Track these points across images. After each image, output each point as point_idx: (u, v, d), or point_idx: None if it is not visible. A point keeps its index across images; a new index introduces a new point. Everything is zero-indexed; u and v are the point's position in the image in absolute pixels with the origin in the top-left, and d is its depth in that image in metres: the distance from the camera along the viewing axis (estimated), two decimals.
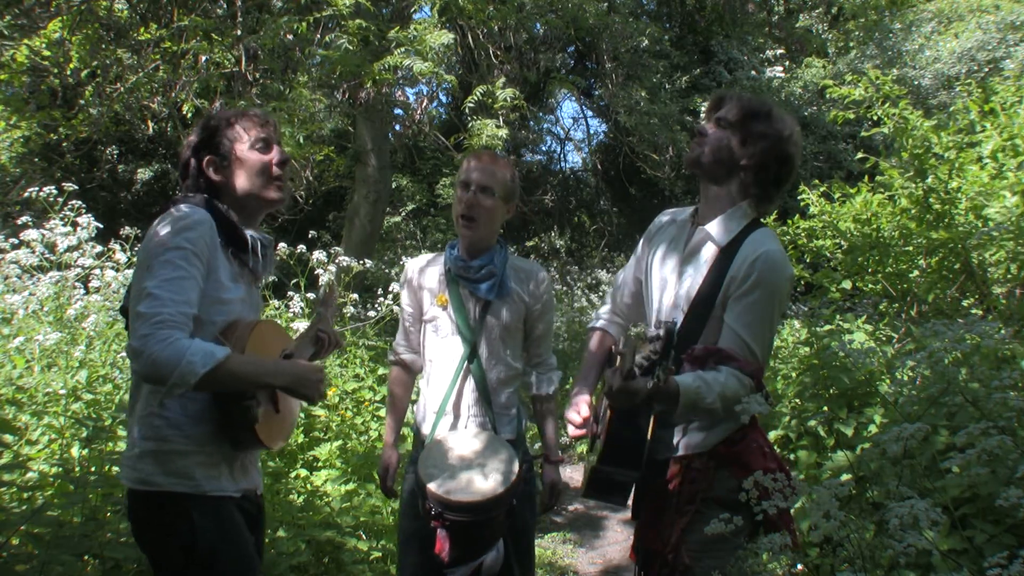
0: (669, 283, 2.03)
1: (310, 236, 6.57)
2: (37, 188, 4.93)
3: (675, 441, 1.97)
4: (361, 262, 5.60)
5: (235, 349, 1.67)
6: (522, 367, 2.48)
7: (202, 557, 1.68)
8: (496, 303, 2.37)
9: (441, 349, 2.41)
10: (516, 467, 2.19)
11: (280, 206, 1.95)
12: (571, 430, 2.05)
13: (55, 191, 4.91)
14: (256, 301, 1.94)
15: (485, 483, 2.13)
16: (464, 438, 2.29)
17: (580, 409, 2.05)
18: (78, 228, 4.73)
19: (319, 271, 4.98)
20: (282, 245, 4.77)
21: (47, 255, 4.66)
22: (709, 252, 1.96)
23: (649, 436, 1.84)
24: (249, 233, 1.83)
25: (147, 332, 1.57)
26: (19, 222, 5.81)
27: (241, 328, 1.75)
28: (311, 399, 1.79)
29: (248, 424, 1.71)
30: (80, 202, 4.91)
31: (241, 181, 1.84)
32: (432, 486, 2.11)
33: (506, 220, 2.45)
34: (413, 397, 2.65)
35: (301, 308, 4.88)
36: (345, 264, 5.24)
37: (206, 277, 1.69)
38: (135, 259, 4.97)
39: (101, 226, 4.93)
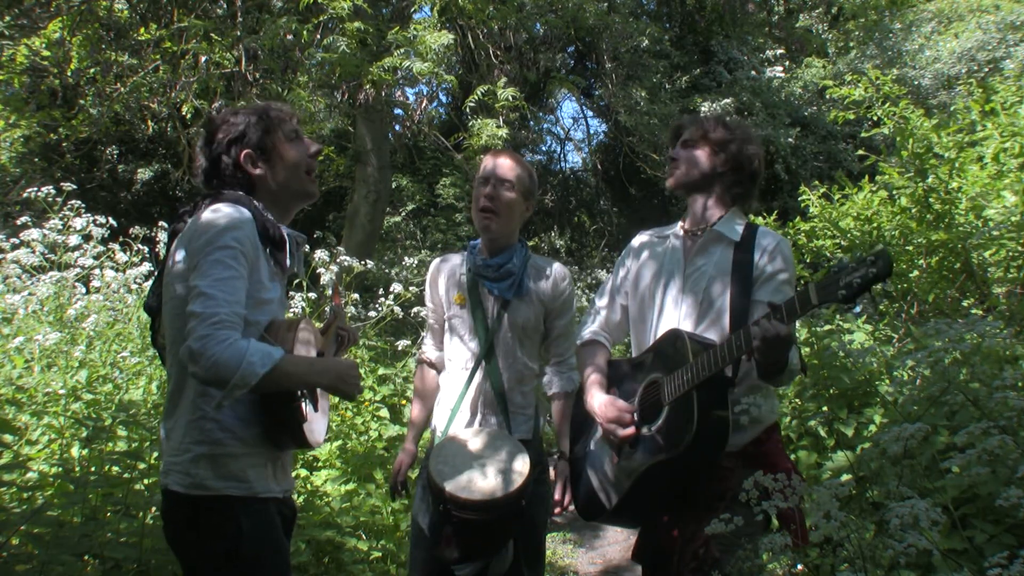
0: (681, 291, 2.08)
1: (312, 236, 6.56)
2: (37, 188, 4.93)
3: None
4: (362, 262, 5.59)
5: (284, 349, 1.64)
6: (538, 367, 2.44)
7: (244, 561, 1.65)
8: (514, 302, 2.35)
9: (458, 347, 2.41)
10: (526, 468, 2.17)
11: (315, 198, 1.91)
12: (621, 431, 2.02)
13: (55, 191, 4.91)
14: (284, 299, 1.90)
15: (492, 482, 2.12)
16: (476, 437, 2.28)
17: (620, 403, 2.06)
18: (90, 226, 4.74)
19: (320, 271, 4.98)
20: None
21: (47, 255, 4.66)
22: (722, 250, 2.06)
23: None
24: (285, 231, 1.80)
25: (206, 333, 1.53)
26: (19, 222, 5.80)
27: (282, 328, 1.72)
28: (351, 396, 1.78)
29: (298, 424, 1.70)
30: (80, 202, 4.92)
31: (280, 175, 1.80)
32: (441, 483, 2.11)
33: (525, 218, 2.45)
34: None
35: (302, 308, 4.88)
36: (346, 264, 5.24)
37: (249, 277, 1.66)
38: (134, 259, 5.02)
39: (115, 224, 4.95)
